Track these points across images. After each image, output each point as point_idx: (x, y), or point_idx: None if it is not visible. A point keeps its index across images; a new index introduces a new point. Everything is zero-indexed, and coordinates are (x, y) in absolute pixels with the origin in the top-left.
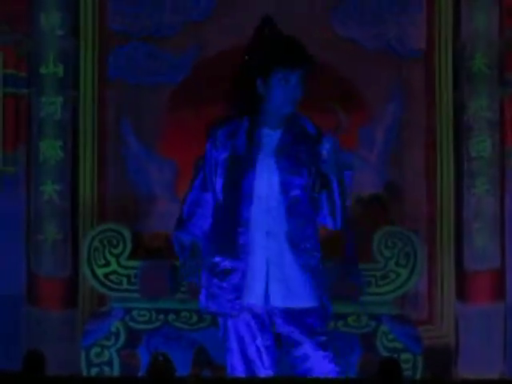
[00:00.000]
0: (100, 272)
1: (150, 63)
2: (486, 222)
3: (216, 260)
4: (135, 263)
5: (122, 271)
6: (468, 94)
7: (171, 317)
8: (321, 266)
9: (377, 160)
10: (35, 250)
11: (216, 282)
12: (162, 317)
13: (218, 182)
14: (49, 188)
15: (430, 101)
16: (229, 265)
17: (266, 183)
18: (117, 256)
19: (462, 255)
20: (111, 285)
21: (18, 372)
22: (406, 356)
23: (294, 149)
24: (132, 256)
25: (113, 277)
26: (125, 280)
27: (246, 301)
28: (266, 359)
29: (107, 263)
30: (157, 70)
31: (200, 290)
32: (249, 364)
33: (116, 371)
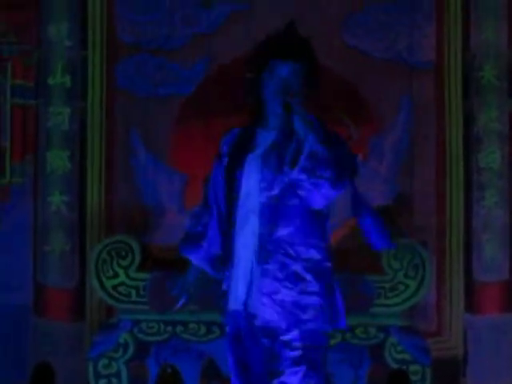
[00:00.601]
0: (108, 284)
1: (159, 74)
2: (495, 233)
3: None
4: (144, 275)
5: (131, 283)
6: (477, 105)
7: (179, 328)
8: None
9: (387, 171)
10: (42, 260)
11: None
12: (170, 328)
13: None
14: (56, 199)
15: (440, 112)
16: (227, 272)
17: (251, 182)
18: (125, 268)
19: (471, 267)
20: (120, 296)
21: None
22: (414, 367)
23: (283, 147)
24: (140, 268)
25: (121, 288)
26: (133, 292)
27: (230, 307)
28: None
29: (116, 275)
30: (166, 82)
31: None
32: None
33: (124, 383)
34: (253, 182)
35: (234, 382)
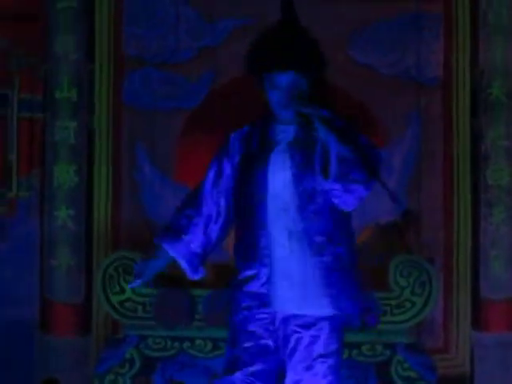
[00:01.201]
0: (115, 299)
1: (165, 88)
2: (503, 250)
3: (238, 270)
4: (150, 291)
5: (137, 299)
6: (485, 122)
7: (186, 344)
8: (344, 263)
9: (394, 187)
10: (49, 275)
11: (234, 292)
12: (177, 344)
13: (228, 191)
14: (63, 213)
15: (448, 128)
16: (248, 272)
17: (280, 180)
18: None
19: (479, 284)
20: (126, 312)
21: None
22: None
23: (307, 144)
24: (147, 284)
25: (128, 304)
26: (140, 308)
27: (274, 308)
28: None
29: (122, 290)
30: (171, 95)
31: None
32: None
33: None
34: (282, 180)
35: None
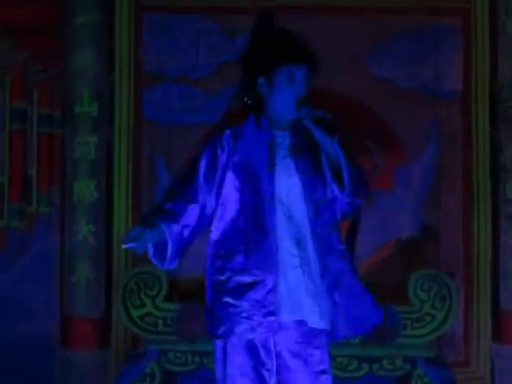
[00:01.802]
0: (135, 314)
1: (184, 103)
2: None
3: (223, 277)
4: (171, 305)
5: (158, 313)
6: (505, 135)
7: (207, 359)
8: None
9: (413, 201)
10: (69, 290)
11: (228, 299)
12: (197, 359)
13: (226, 189)
14: (83, 228)
15: (467, 142)
16: (247, 278)
17: (285, 186)
18: (152, 298)
19: (499, 297)
20: (147, 327)
21: None
22: None
23: (307, 149)
24: (167, 298)
25: (148, 319)
26: (160, 322)
27: (283, 317)
28: None
29: (143, 305)
30: (191, 110)
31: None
32: None
33: None
34: (286, 186)
35: None
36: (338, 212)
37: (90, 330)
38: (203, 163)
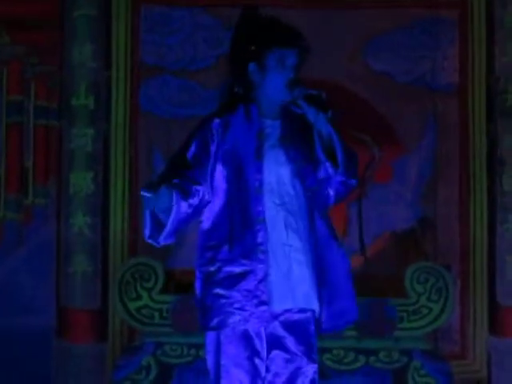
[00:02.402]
0: (132, 306)
1: (182, 96)
2: None
3: (213, 268)
4: (167, 297)
5: (154, 305)
6: (501, 127)
7: (203, 351)
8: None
9: (410, 193)
10: (65, 282)
11: (219, 291)
12: (193, 351)
13: (216, 178)
14: (79, 220)
15: (464, 135)
16: (237, 269)
17: (275, 176)
18: (149, 290)
19: (495, 289)
20: (143, 319)
21: None
22: None
23: (298, 139)
24: (164, 290)
25: (145, 311)
26: (157, 314)
27: (274, 307)
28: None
29: (139, 297)
30: (189, 103)
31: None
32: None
33: None
34: (276, 176)
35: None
36: (333, 192)
37: (87, 323)
38: (193, 148)
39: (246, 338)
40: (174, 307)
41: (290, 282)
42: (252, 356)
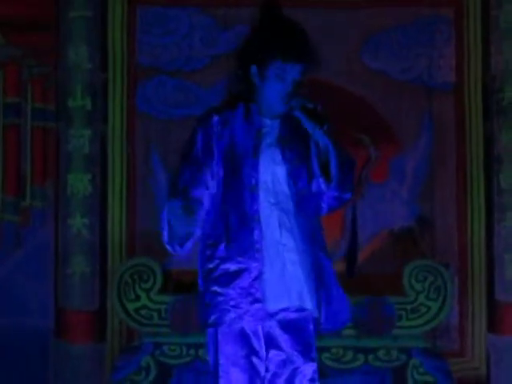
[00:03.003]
0: (130, 307)
1: (179, 96)
2: None
3: (211, 265)
4: (165, 298)
5: (153, 306)
6: (498, 126)
7: (202, 351)
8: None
9: (407, 192)
10: (63, 283)
11: (216, 288)
12: (192, 351)
13: (217, 175)
14: (77, 222)
15: (460, 133)
16: (233, 266)
17: (270, 175)
18: (147, 291)
19: (493, 287)
20: (142, 319)
21: None
22: None
23: (295, 141)
24: (162, 291)
25: (143, 311)
26: (155, 315)
27: (269, 306)
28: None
29: (137, 298)
30: (185, 103)
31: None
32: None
33: None
34: (272, 175)
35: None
36: (325, 205)
37: (85, 323)
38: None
39: (243, 337)
40: (172, 307)
41: (284, 280)
42: (249, 355)
